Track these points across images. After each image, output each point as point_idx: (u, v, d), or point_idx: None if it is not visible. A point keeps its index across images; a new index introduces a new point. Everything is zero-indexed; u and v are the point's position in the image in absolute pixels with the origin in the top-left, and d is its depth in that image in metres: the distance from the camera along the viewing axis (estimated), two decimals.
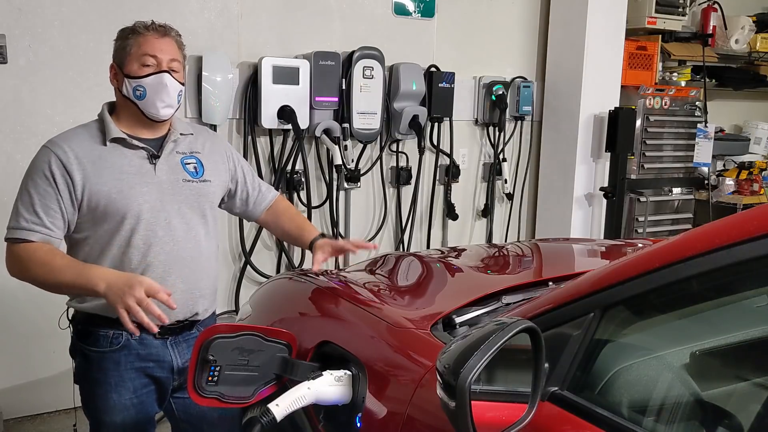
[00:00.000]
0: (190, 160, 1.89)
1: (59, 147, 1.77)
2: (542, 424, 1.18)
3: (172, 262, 1.83)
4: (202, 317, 1.94)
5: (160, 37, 1.81)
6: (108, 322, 1.81)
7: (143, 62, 1.78)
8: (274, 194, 2.16)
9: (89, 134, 1.81)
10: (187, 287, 1.86)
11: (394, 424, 1.47)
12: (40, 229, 1.74)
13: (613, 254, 2.43)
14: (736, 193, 4.71)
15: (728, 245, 1.04)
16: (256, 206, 2.11)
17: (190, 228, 1.86)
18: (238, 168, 2.05)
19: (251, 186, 2.09)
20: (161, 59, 1.79)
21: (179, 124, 1.93)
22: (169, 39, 1.83)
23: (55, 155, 1.75)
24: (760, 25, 5.01)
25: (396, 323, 1.68)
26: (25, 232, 1.74)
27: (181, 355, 1.89)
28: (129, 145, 1.81)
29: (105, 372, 1.83)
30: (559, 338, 1.24)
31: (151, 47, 1.79)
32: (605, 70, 4.20)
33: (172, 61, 1.81)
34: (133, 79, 1.79)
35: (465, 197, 4.36)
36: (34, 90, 3.07)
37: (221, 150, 2.01)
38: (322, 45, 3.63)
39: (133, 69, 1.79)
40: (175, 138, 1.88)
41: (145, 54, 1.78)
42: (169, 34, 1.83)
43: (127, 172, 1.79)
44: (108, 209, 1.76)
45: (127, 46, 1.80)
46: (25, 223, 1.74)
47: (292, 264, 3.77)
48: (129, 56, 1.80)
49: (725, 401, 1.15)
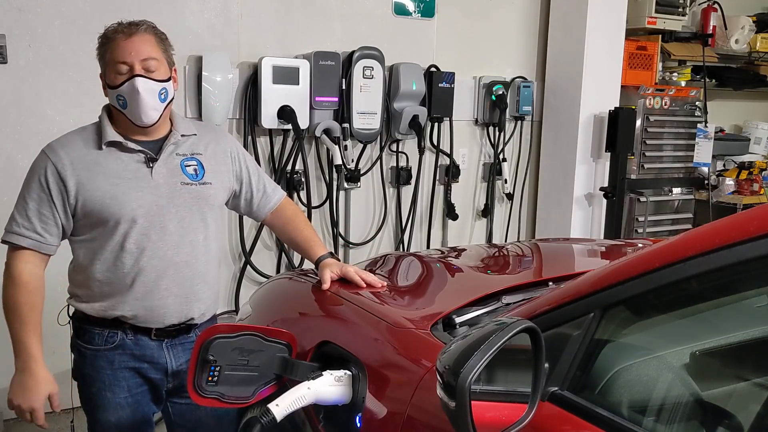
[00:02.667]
0: (190, 162, 1.85)
1: (56, 153, 1.76)
2: (542, 424, 1.18)
3: (165, 266, 1.81)
4: (199, 321, 1.91)
5: (127, 38, 1.72)
6: (103, 323, 1.82)
7: (117, 70, 1.72)
8: (279, 196, 2.09)
9: (86, 138, 1.80)
10: (182, 292, 1.84)
11: (394, 424, 1.47)
12: (31, 234, 1.76)
13: (613, 254, 2.42)
14: (736, 193, 4.71)
15: (728, 245, 1.04)
16: (260, 208, 2.06)
17: (186, 232, 1.83)
18: (243, 168, 1.99)
19: (255, 187, 2.02)
20: (132, 62, 1.71)
21: (182, 124, 1.88)
22: (139, 36, 1.72)
23: (51, 162, 1.75)
24: (760, 25, 5.01)
25: (396, 323, 1.68)
26: (16, 236, 1.76)
27: (176, 357, 1.88)
28: (125, 148, 1.79)
29: (99, 370, 1.84)
30: (559, 338, 1.24)
31: (120, 52, 1.71)
32: (605, 70, 4.20)
33: (145, 61, 1.72)
34: (112, 89, 1.75)
35: (465, 197, 4.36)
36: (34, 90, 3.07)
37: (226, 149, 1.95)
38: (322, 45, 3.63)
39: (110, 78, 1.75)
40: (175, 140, 1.84)
41: (116, 62, 1.72)
42: (138, 31, 1.73)
43: (122, 177, 1.77)
44: (102, 214, 1.75)
45: (103, 55, 1.76)
46: (17, 227, 1.76)
47: (292, 264, 3.77)
48: (106, 65, 1.76)
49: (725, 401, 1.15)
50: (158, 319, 1.83)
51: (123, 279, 1.78)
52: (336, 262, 2.02)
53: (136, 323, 1.82)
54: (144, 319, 1.82)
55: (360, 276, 1.97)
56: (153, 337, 1.85)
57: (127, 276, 1.78)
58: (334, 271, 1.98)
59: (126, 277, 1.78)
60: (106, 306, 1.80)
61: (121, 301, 1.80)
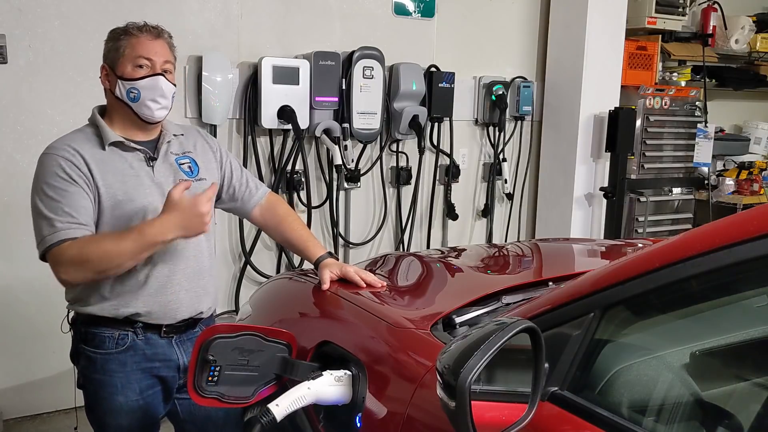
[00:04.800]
0: (183, 160, 1.90)
1: (64, 150, 1.75)
2: (542, 424, 1.18)
3: (176, 261, 1.84)
4: (206, 315, 1.95)
5: (153, 39, 1.80)
6: (113, 323, 1.81)
7: (137, 64, 1.78)
8: (263, 191, 2.10)
9: (87, 138, 1.80)
10: (191, 285, 1.87)
11: (394, 424, 1.47)
12: (77, 227, 1.70)
13: (613, 254, 2.42)
14: (736, 193, 4.71)
15: (728, 245, 1.04)
16: (245, 203, 2.07)
17: None
18: (225, 162, 2.03)
19: (238, 182, 2.05)
20: (156, 61, 1.79)
21: (170, 125, 1.93)
22: (162, 41, 1.82)
23: (62, 158, 1.73)
24: (760, 25, 5.01)
25: (396, 323, 1.68)
26: (64, 232, 1.69)
27: (186, 353, 1.89)
28: (127, 148, 1.81)
29: (111, 374, 1.83)
30: (559, 338, 1.24)
31: (145, 49, 1.78)
32: (605, 70, 4.21)
33: (165, 63, 1.81)
34: (127, 81, 1.78)
35: (465, 197, 4.36)
36: (34, 90, 3.07)
37: (212, 146, 2.01)
38: (322, 45, 3.63)
39: (126, 71, 1.78)
40: (168, 139, 1.88)
41: (140, 56, 1.78)
42: (162, 35, 1.83)
43: (128, 175, 1.79)
44: (114, 212, 1.76)
45: (120, 48, 1.79)
46: (61, 224, 1.69)
47: (292, 264, 3.77)
48: (122, 58, 1.78)
49: (725, 401, 1.15)
50: (171, 314, 1.84)
51: (136, 276, 1.79)
52: (335, 262, 2.03)
53: (148, 320, 1.82)
54: (157, 315, 1.83)
55: (360, 276, 1.97)
56: (163, 335, 1.85)
57: (140, 273, 1.79)
58: (334, 272, 1.99)
59: (139, 274, 1.79)
60: (118, 304, 1.80)
61: (135, 298, 1.80)
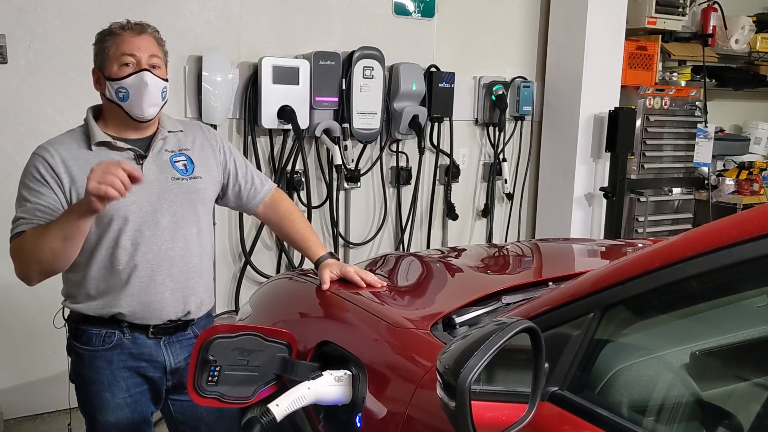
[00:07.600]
0: (179, 157, 1.88)
1: (46, 151, 1.77)
2: (542, 424, 1.18)
3: (159, 261, 1.82)
4: (195, 316, 1.93)
5: (136, 35, 1.78)
6: (100, 322, 1.82)
7: (122, 62, 1.77)
8: (269, 187, 2.09)
9: (75, 139, 1.82)
10: (177, 286, 1.86)
11: (394, 424, 1.47)
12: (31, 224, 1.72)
13: (613, 254, 2.42)
14: (736, 193, 4.71)
15: (728, 245, 1.04)
16: (250, 200, 2.06)
17: (179, 227, 1.85)
18: (229, 160, 2.01)
19: (243, 179, 2.04)
20: (140, 57, 1.77)
21: (167, 122, 1.92)
22: (146, 36, 1.80)
23: (42, 158, 1.76)
24: (760, 25, 5.01)
25: (396, 323, 1.68)
26: (19, 228, 1.73)
27: (174, 355, 1.89)
28: (115, 147, 1.81)
29: (98, 371, 1.84)
30: (559, 338, 1.24)
31: (129, 46, 1.77)
32: (605, 70, 4.20)
33: (151, 57, 1.79)
34: (114, 80, 1.77)
35: (465, 197, 4.36)
36: (34, 90, 3.08)
37: (212, 143, 1.98)
38: (322, 45, 3.63)
39: (113, 71, 1.78)
40: (163, 136, 1.87)
41: (123, 54, 1.77)
42: (146, 30, 1.81)
43: None
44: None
45: (105, 49, 1.79)
46: (23, 220, 1.74)
47: (292, 264, 3.77)
48: (108, 58, 1.79)
49: (725, 401, 1.15)
50: (155, 314, 1.84)
51: (119, 276, 1.79)
52: (336, 262, 2.03)
53: (133, 320, 1.83)
54: (141, 316, 1.82)
55: (360, 276, 1.97)
56: (150, 335, 1.85)
57: (122, 272, 1.79)
58: (334, 272, 1.99)
59: (121, 274, 1.79)
60: (102, 304, 1.81)
61: (118, 298, 1.80)
